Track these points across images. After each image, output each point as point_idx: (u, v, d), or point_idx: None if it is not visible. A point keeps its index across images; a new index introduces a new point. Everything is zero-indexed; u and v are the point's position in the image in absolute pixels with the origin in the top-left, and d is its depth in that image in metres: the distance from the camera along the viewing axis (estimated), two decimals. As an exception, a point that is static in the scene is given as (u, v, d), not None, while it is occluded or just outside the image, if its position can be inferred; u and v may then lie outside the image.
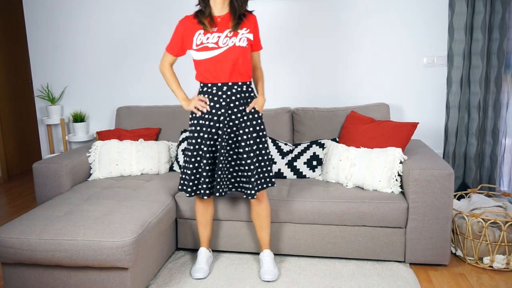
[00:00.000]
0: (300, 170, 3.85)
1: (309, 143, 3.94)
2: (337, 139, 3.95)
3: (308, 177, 3.84)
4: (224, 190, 3.05)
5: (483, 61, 4.03)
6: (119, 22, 4.72)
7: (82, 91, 4.94)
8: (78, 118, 4.86)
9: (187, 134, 3.14)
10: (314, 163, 3.84)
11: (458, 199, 4.13)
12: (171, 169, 4.12)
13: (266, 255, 3.26)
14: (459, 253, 3.44)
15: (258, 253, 3.58)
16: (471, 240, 3.30)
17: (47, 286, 2.86)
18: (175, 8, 4.58)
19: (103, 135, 4.21)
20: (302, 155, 3.88)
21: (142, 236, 2.84)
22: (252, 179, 3.00)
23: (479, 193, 3.86)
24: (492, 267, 3.27)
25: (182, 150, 3.98)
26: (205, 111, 3.03)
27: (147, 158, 4.02)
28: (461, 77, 4.15)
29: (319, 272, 3.27)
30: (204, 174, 3.03)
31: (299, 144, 3.96)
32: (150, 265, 3.13)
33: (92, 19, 4.77)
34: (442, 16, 4.19)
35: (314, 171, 3.84)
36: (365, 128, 3.75)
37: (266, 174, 3.09)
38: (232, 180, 3.13)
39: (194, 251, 3.69)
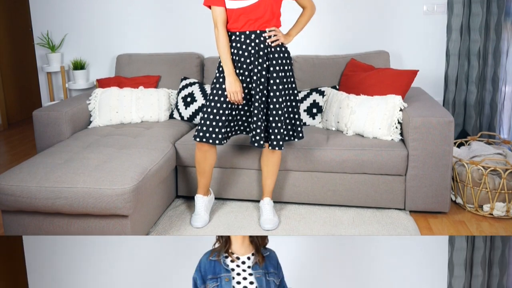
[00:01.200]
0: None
1: (309, 91, 3.90)
2: (337, 87, 3.92)
3: (308, 125, 3.83)
4: (259, 141, 2.97)
5: (483, 9, 3.99)
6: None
7: (82, 38, 4.87)
8: (78, 66, 4.82)
9: (213, 81, 3.03)
10: (314, 110, 3.82)
11: (458, 146, 4.12)
12: (171, 116, 4.10)
13: (266, 203, 3.28)
14: (459, 200, 3.46)
15: (258, 201, 3.59)
16: (471, 187, 3.30)
17: (47, 234, 2.89)
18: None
19: (103, 83, 4.18)
20: (302, 102, 3.85)
21: (142, 183, 2.84)
22: (281, 130, 2.97)
23: (479, 140, 3.84)
24: (492, 214, 3.29)
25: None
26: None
27: (147, 106, 4.00)
28: (461, 24, 4.12)
29: (319, 220, 3.29)
30: (224, 118, 2.98)
31: (299, 92, 3.92)
32: (150, 212, 3.15)
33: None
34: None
35: (314, 118, 3.82)
36: (365, 75, 3.71)
37: (294, 127, 3.09)
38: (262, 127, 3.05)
39: (194, 199, 3.70)
